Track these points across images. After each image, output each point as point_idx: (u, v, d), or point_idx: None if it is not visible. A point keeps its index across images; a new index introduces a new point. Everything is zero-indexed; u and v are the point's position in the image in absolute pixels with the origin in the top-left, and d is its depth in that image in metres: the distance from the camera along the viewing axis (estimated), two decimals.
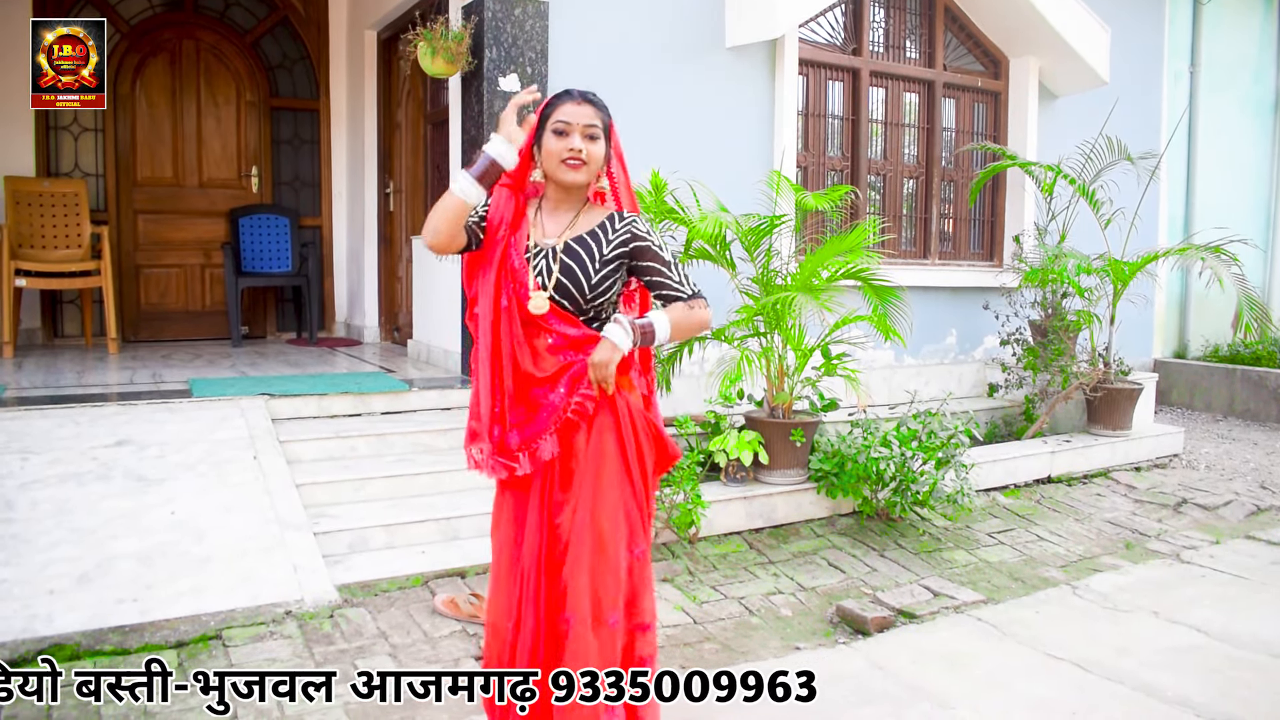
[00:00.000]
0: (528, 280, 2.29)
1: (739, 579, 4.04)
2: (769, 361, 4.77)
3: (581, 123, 2.28)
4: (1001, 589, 4.06)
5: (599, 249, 2.31)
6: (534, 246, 2.32)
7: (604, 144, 2.33)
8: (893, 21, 6.51)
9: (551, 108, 2.32)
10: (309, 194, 8.01)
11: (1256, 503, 5.41)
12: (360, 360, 6.29)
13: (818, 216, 5.97)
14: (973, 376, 6.81)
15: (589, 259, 2.29)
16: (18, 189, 6.43)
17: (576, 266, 2.29)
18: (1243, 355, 8.69)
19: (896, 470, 4.47)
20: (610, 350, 2.23)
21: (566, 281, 2.28)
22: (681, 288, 2.36)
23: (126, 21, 7.20)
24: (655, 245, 2.35)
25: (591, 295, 2.29)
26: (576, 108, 2.29)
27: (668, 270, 2.35)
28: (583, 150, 2.27)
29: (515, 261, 2.31)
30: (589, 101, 2.31)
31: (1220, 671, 3.26)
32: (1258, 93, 9.70)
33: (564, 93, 2.33)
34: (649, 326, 2.28)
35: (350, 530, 3.84)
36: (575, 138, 2.27)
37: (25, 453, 3.92)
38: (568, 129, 2.27)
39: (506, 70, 4.98)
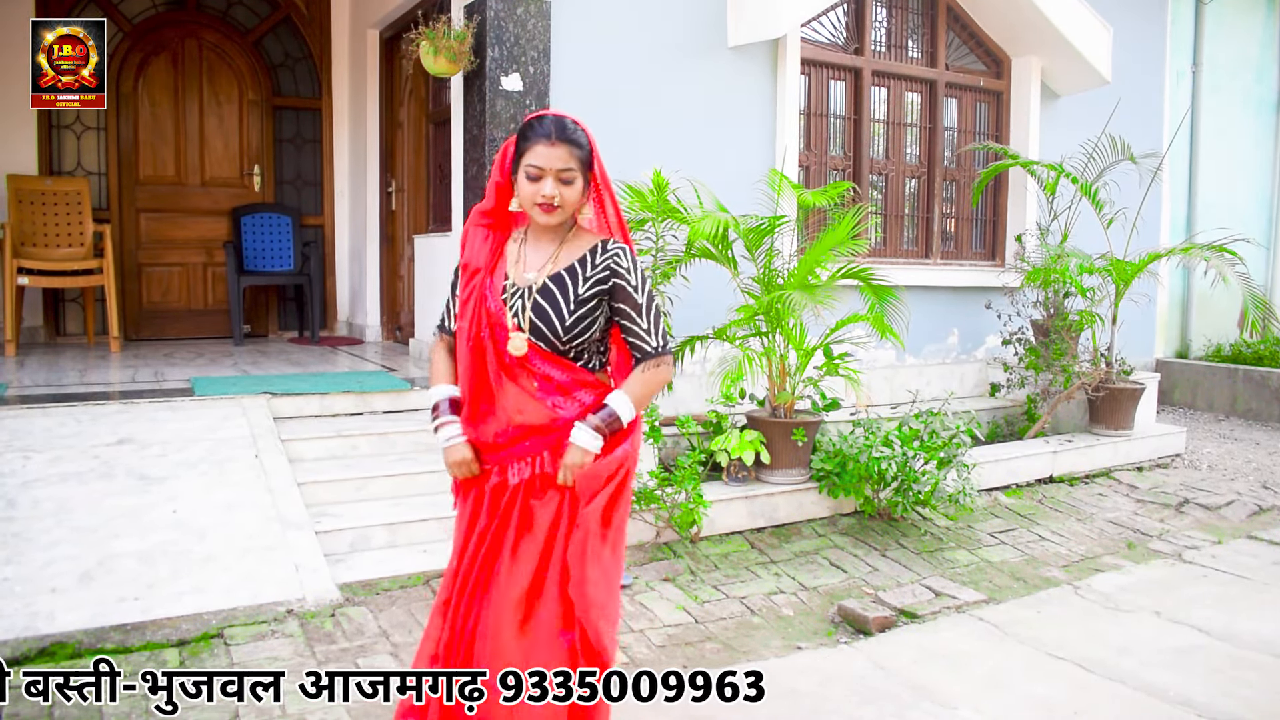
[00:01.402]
0: (505, 321, 2.22)
1: (741, 578, 4.04)
2: (771, 361, 4.77)
3: (555, 167, 2.17)
4: (1003, 589, 4.06)
5: (575, 287, 2.22)
6: (511, 285, 2.25)
7: (581, 181, 2.22)
8: (894, 21, 6.50)
9: (525, 143, 2.21)
10: (311, 193, 8.01)
11: (1258, 503, 5.41)
12: (362, 359, 6.29)
13: (819, 215, 5.97)
14: (975, 376, 6.81)
15: (563, 299, 2.21)
16: (20, 187, 6.43)
17: (549, 307, 2.21)
18: (1245, 355, 8.68)
19: (898, 470, 4.47)
20: (580, 455, 2.18)
21: (539, 323, 2.21)
22: (647, 338, 2.26)
23: (129, 20, 7.20)
24: (632, 286, 2.25)
25: (567, 335, 2.21)
26: (549, 149, 2.16)
27: (638, 317, 2.26)
28: (555, 196, 2.18)
29: (491, 304, 2.24)
30: (564, 140, 2.17)
31: (1222, 671, 3.25)
32: (1260, 92, 9.69)
33: (537, 126, 2.20)
34: (613, 418, 2.22)
35: (352, 529, 3.84)
36: (548, 183, 2.17)
37: (27, 451, 3.92)
38: (540, 174, 2.17)
39: (509, 69, 4.98)
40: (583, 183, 2.23)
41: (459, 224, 5.40)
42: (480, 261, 2.30)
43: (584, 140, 2.22)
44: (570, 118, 2.22)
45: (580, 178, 2.21)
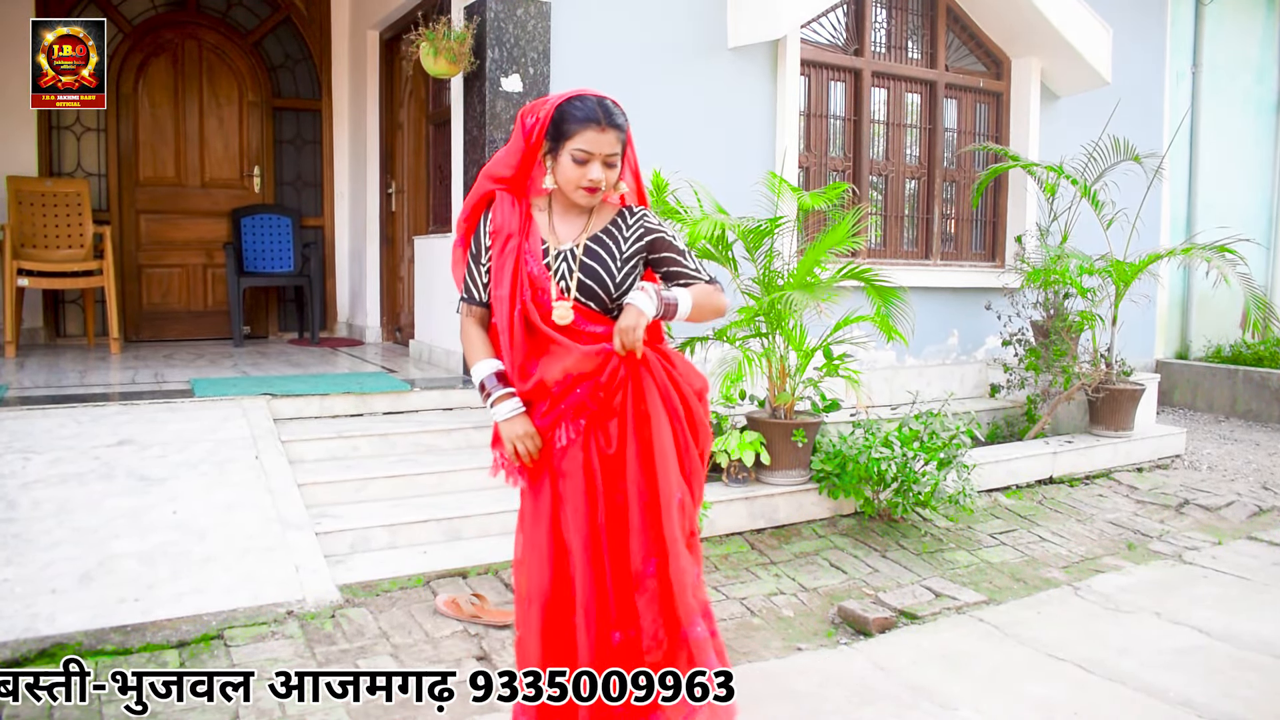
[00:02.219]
0: (549, 287, 2.22)
1: (741, 579, 4.04)
2: (770, 362, 4.77)
3: (604, 152, 2.19)
4: (1003, 590, 4.06)
5: (618, 246, 2.28)
6: (552, 250, 2.26)
7: (620, 163, 2.26)
8: (894, 22, 6.50)
9: (570, 125, 2.18)
10: (311, 194, 8.01)
11: (1259, 503, 5.40)
12: (362, 360, 6.29)
13: (819, 216, 5.97)
14: (975, 377, 6.81)
15: (610, 257, 2.26)
16: (20, 189, 6.43)
17: (599, 266, 2.25)
18: (1245, 356, 8.68)
19: (898, 471, 4.47)
20: (636, 316, 2.17)
21: (590, 282, 2.24)
22: (698, 274, 2.36)
23: (129, 21, 7.20)
24: (670, 236, 2.36)
25: (617, 293, 2.27)
26: (600, 135, 2.17)
27: (683, 259, 2.36)
28: (602, 180, 2.21)
29: (533, 269, 2.24)
30: (613, 126, 2.19)
31: (1222, 672, 3.25)
32: (1260, 93, 9.70)
33: (582, 108, 2.18)
34: (672, 299, 2.25)
35: (352, 530, 3.84)
36: (595, 167, 2.19)
37: (27, 452, 3.92)
38: (589, 158, 2.18)
39: (509, 71, 4.98)
40: (621, 163, 2.28)
41: None
42: (513, 227, 2.28)
43: (625, 123, 2.28)
44: (611, 99, 2.24)
45: (620, 160, 2.26)
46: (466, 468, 4.31)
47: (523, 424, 2.24)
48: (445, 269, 5.68)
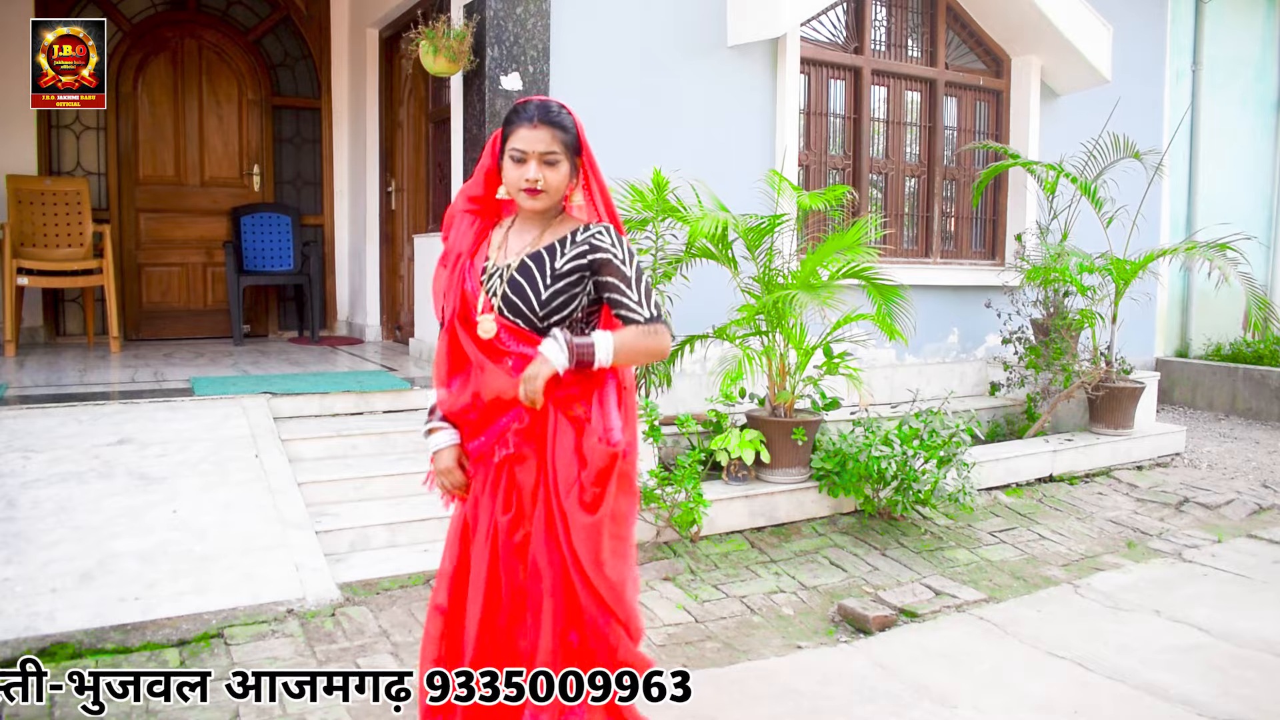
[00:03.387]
0: (476, 302, 2.20)
1: (741, 578, 4.04)
2: (771, 360, 4.77)
3: (538, 150, 2.13)
4: (1003, 588, 4.06)
5: (552, 262, 2.17)
6: (491, 267, 2.22)
7: (566, 165, 2.18)
8: (894, 20, 6.50)
9: (509, 127, 2.18)
10: (311, 192, 8.01)
11: (1258, 501, 5.41)
12: (362, 359, 6.29)
13: (819, 215, 5.97)
14: (974, 375, 6.81)
15: (539, 274, 2.17)
16: (20, 187, 6.43)
17: (525, 283, 2.17)
18: (1244, 354, 8.68)
19: (898, 469, 4.47)
20: (538, 365, 2.08)
21: (515, 299, 2.17)
22: (639, 309, 2.17)
23: (129, 20, 7.20)
24: (617, 259, 2.18)
25: (544, 310, 2.16)
26: (531, 132, 2.13)
27: (626, 289, 2.18)
28: (539, 180, 2.14)
29: (469, 285, 2.22)
30: (547, 123, 2.14)
31: (1222, 670, 3.25)
32: (1260, 90, 9.69)
33: (521, 110, 2.17)
34: (587, 346, 2.11)
35: (352, 529, 3.84)
36: (531, 166, 2.14)
37: (27, 451, 3.92)
38: (524, 157, 2.14)
39: (508, 69, 4.98)
40: (569, 167, 2.19)
41: None
42: (463, 246, 2.28)
43: (568, 124, 2.18)
44: (556, 102, 2.20)
45: (566, 162, 2.18)
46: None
47: (447, 458, 2.25)
48: None
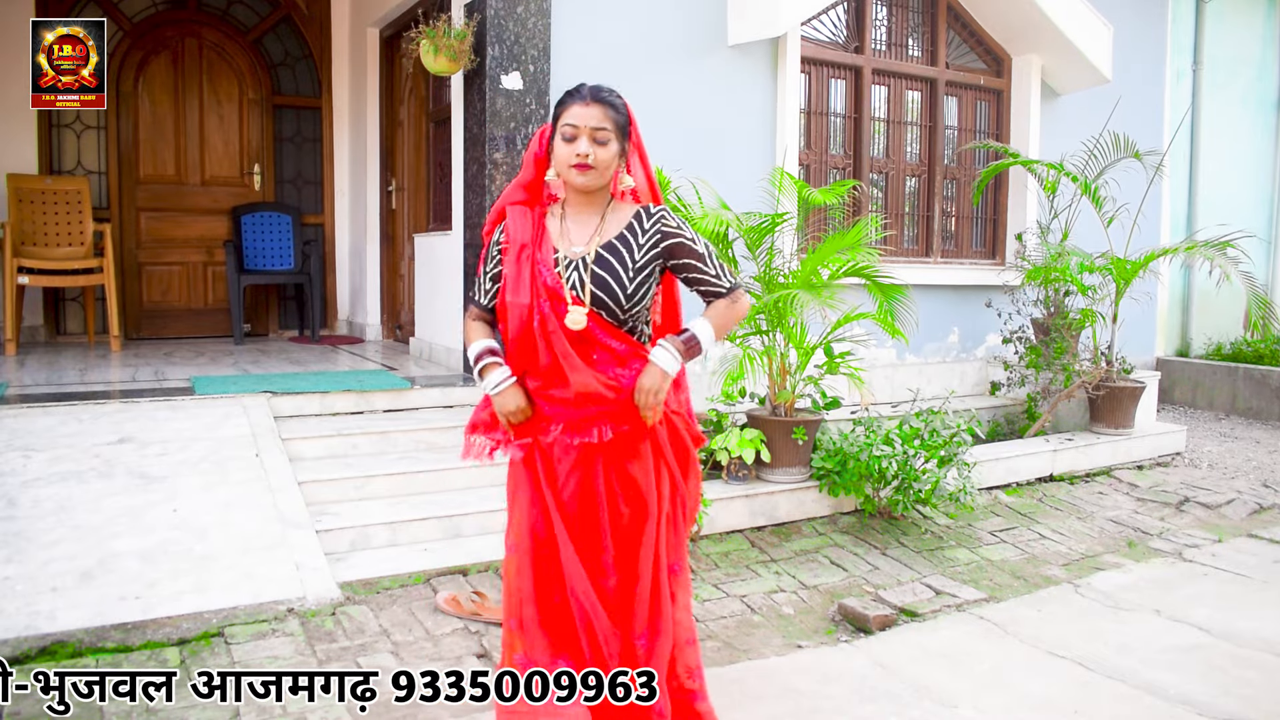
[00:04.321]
0: (564, 294, 2.19)
1: (741, 577, 4.04)
2: (771, 360, 4.77)
3: (589, 125, 2.17)
4: (1004, 587, 4.06)
5: (631, 254, 2.21)
6: (563, 258, 2.22)
7: (616, 144, 2.22)
8: (895, 19, 6.50)
9: (561, 107, 2.23)
10: (311, 192, 8.01)
11: (1259, 501, 5.40)
12: (362, 358, 6.29)
13: (820, 214, 5.97)
14: (975, 375, 6.81)
15: (622, 266, 2.20)
16: (20, 186, 6.43)
17: (610, 276, 2.19)
18: (1245, 353, 8.68)
19: (899, 468, 4.47)
20: (659, 378, 2.15)
21: (601, 293, 2.19)
22: (720, 281, 2.28)
23: (129, 19, 7.20)
24: (689, 239, 2.27)
25: (629, 303, 2.20)
26: (584, 109, 2.18)
27: (704, 265, 2.27)
28: (590, 155, 2.17)
29: (547, 278, 2.21)
30: (599, 101, 2.19)
31: (1222, 670, 3.25)
32: (1260, 89, 9.69)
33: (574, 91, 2.23)
34: (693, 341, 2.21)
35: (352, 528, 3.84)
36: (582, 142, 2.17)
37: (28, 450, 3.92)
38: (575, 133, 2.18)
39: (509, 68, 4.98)
40: (618, 147, 2.23)
41: (460, 223, 5.40)
42: (525, 236, 2.27)
43: (619, 103, 2.24)
44: (609, 88, 2.25)
45: (615, 141, 2.22)
46: (467, 466, 4.27)
47: (514, 396, 2.24)
48: (446, 267, 5.69)
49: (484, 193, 5.01)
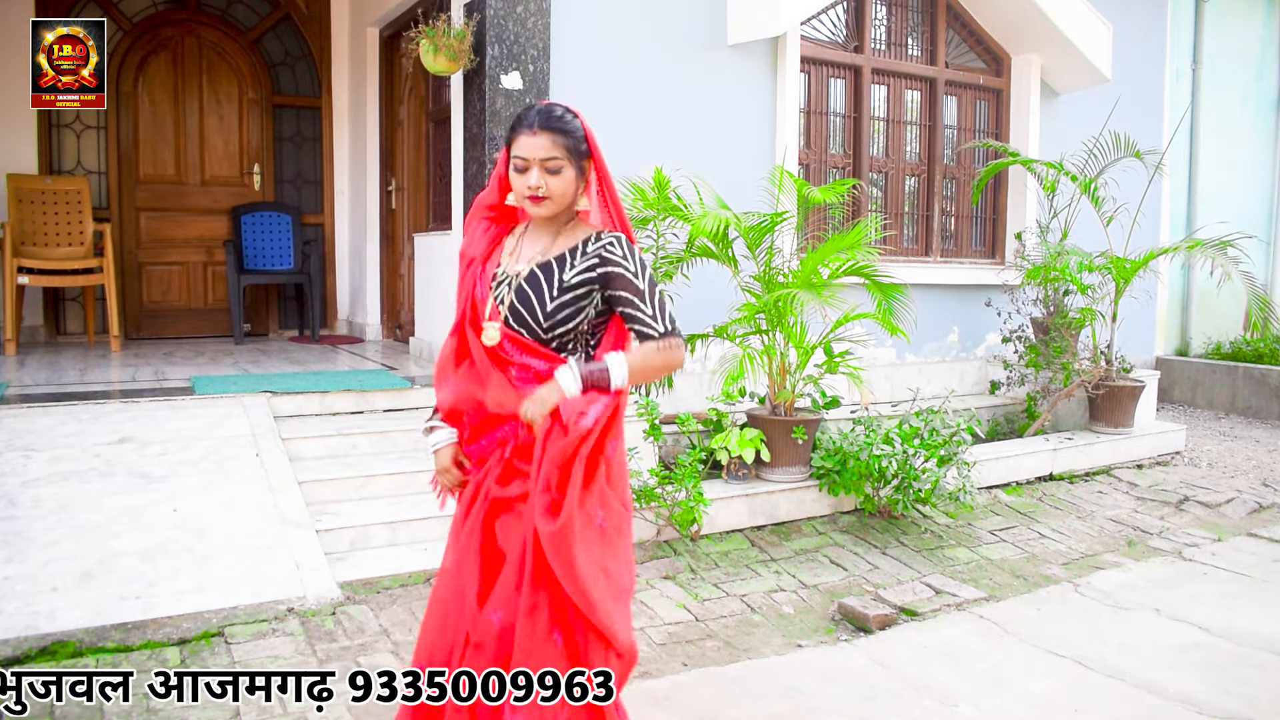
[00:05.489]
0: (483, 309, 2.19)
1: (741, 576, 4.04)
2: (771, 359, 4.77)
3: (539, 157, 2.09)
4: (1003, 586, 4.06)
5: (560, 274, 2.14)
6: (501, 274, 2.21)
7: (572, 170, 2.13)
8: (894, 19, 6.50)
9: (512, 134, 2.15)
10: (311, 191, 8.01)
11: (1258, 500, 5.41)
12: (362, 358, 6.29)
13: (820, 214, 5.97)
14: (975, 374, 6.81)
15: (547, 285, 2.14)
16: (20, 186, 6.43)
17: (532, 293, 2.14)
18: (1244, 353, 8.68)
19: (898, 468, 4.47)
20: (550, 390, 2.07)
21: (521, 309, 2.15)
22: (654, 324, 2.14)
23: (129, 19, 7.20)
24: (629, 272, 2.14)
25: (548, 323, 2.13)
26: (531, 139, 2.09)
27: (639, 302, 2.14)
28: (540, 187, 2.10)
29: (479, 291, 2.21)
30: (547, 129, 2.09)
31: (1222, 669, 3.26)
32: (1260, 89, 9.69)
33: (523, 117, 2.13)
34: (601, 372, 2.09)
35: (353, 527, 3.84)
36: (533, 173, 2.10)
37: (28, 450, 3.93)
38: (525, 165, 2.11)
39: (509, 68, 4.98)
40: (574, 172, 2.14)
41: (459, 222, 5.40)
42: (476, 251, 2.28)
43: (572, 127, 2.13)
44: (562, 105, 2.16)
45: (570, 167, 2.12)
46: None
47: (445, 456, 2.27)
48: (445, 266, 5.68)
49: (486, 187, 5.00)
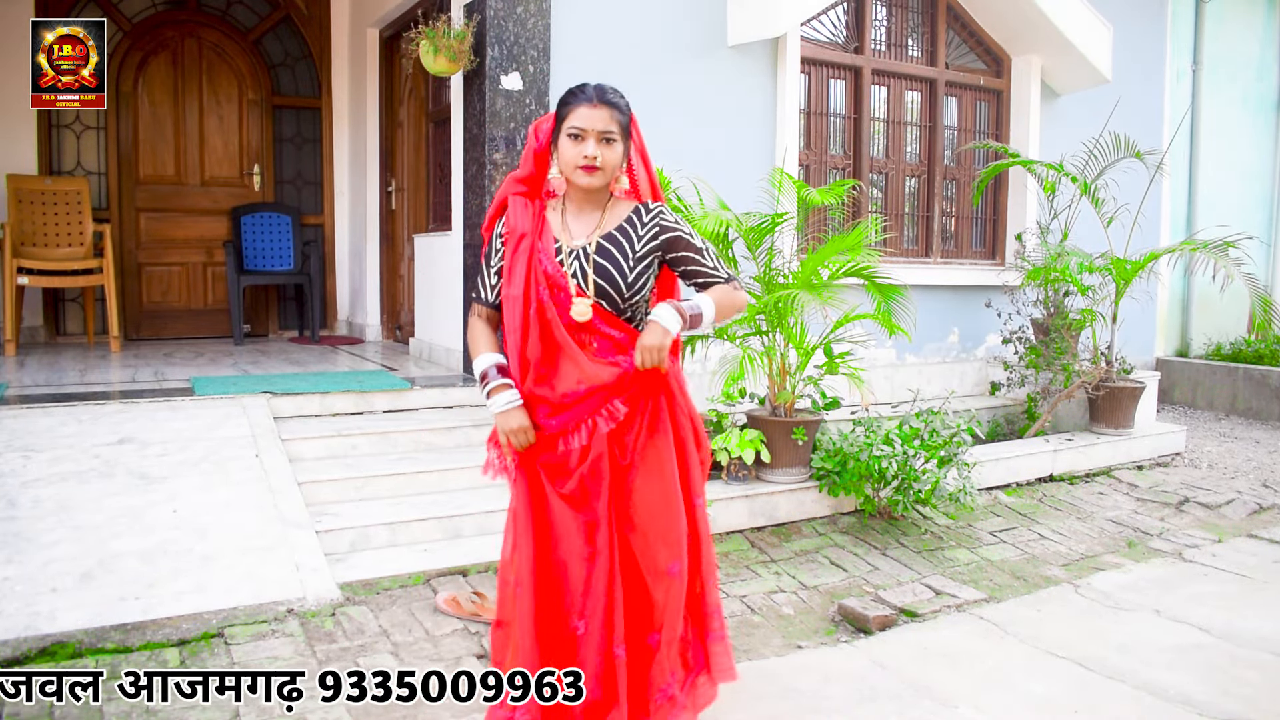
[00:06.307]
0: (567, 285, 2.23)
1: (741, 577, 4.04)
2: (771, 360, 4.77)
3: (596, 128, 2.20)
4: (1003, 587, 4.06)
5: (631, 245, 2.26)
6: (564, 249, 2.25)
7: (621, 145, 2.25)
8: (894, 20, 6.50)
9: (566, 108, 2.24)
10: (311, 192, 8.01)
11: (1259, 501, 5.40)
12: (362, 358, 6.29)
13: (820, 215, 5.97)
14: (975, 375, 6.81)
15: (623, 256, 2.25)
16: (20, 187, 6.43)
17: (611, 266, 2.24)
18: (1245, 354, 8.68)
19: (899, 469, 4.47)
20: (660, 334, 2.17)
21: (603, 282, 2.23)
22: (717, 272, 2.35)
23: (129, 19, 7.20)
24: (686, 234, 2.32)
25: (629, 293, 2.25)
26: (591, 111, 2.20)
27: (702, 257, 2.33)
28: (598, 157, 2.20)
29: (547, 266, 2.24)
30: (605, 103, 2.22)
31: (1222, 670, 3.25)
32: (1260, 90, 9.69)
33: (579, 91, 2.24)
34: (696, 310, 2.26)
35: (352, 528, 3.84)
36: (590, 143, 2.20)
37: (28, 451, 3.92)
38: (583, 134, 2.20)
39: (509, 69, 4.98)
40: (623, 148, 2.27)
41: (459, 223, 5.40)
42: (526, 226, 2.30)
43: (624, 105, 2.27)
44: (612, 87, 2.27)
45: (620, 142, 2.25)
46: (467, 466, 4.31)
47: (518, 417, 2.25)
48: (445, 267, 5.69)
49: (483, 193, 5.01)
